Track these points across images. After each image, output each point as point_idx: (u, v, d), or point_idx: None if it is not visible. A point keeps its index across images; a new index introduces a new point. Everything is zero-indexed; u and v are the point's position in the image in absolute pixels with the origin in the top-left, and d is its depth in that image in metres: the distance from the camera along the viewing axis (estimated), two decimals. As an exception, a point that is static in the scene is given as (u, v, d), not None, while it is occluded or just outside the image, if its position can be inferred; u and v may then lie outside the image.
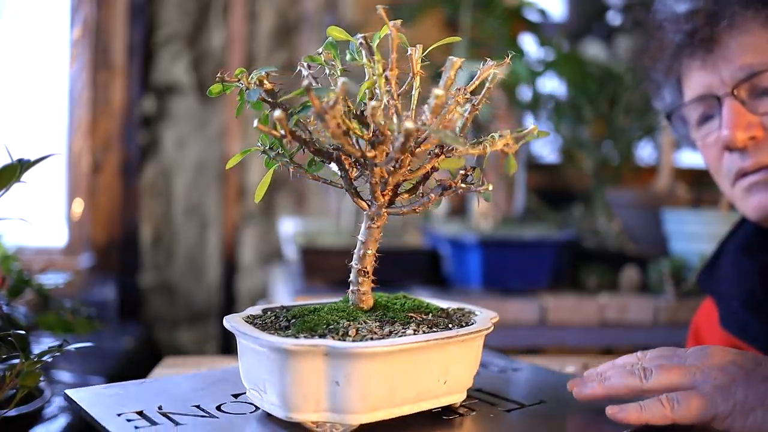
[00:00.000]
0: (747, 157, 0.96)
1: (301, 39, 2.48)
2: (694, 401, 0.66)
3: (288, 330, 0.66)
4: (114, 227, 2.45)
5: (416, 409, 0.66)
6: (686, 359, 0.71)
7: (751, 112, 0.96)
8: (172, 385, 0.77)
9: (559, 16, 2.57)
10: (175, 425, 0.65)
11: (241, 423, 0.66)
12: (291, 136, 0.64)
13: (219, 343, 2.49)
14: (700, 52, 1.00)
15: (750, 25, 0.97)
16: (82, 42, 2.40)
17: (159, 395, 0.73)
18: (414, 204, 0.69)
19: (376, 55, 0.67)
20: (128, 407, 0.69)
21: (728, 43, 0.98)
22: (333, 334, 0.64)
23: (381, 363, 0.62)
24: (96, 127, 2.42)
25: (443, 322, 0.69)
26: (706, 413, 0.66)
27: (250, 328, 0.65)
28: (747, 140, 0.95)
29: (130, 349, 2.01)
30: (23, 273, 1.04)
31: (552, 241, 1.76)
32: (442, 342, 0.64)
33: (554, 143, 2.31)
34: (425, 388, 0.65)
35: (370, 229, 0.69)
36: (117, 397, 0.73)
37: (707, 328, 1.14)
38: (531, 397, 0.76)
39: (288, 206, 2.49)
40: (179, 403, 0.71)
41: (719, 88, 0.98)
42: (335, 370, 0.61)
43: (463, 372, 0.68)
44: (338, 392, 0.61)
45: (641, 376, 0.69)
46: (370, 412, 0.63)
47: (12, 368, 0.72)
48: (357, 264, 0.70)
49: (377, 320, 0.68)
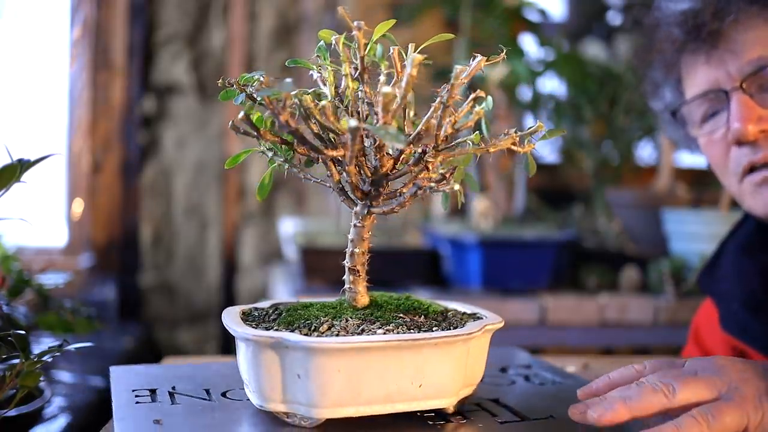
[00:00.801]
0: (758, 151, 0.95)
1: (301, 39, 2.48)
2: (728, 414, 0.64)
3: (273, 323, 0.69)
4: (114, 227, 2.45)
5: (389, 410, 0.65)
6: (694, 371, 0.68)
7: (761, 106, 0.95)
8: (207, 370, 0.83)
9: (559, 16, 2.57)
10: (171, 404, 0.71)
11: (230, 408, 0.70)
12: (264, 136, 0.67)
13: (219, 343, 2.49)
14: (704, 47, 0.99)
15: (756, 21, 0.96)
16: (82, 42, 2.40)
17: (185, 378, 0.79)
18: (391, 204, 0.69)
19: (342, 56, 0.68)
20: (147, 385, 0.76)
21: (734, 38, 0.97)
22: (305, 328, 0.66)
23: (338, 359, 0.62)
24: (96, 127, 2.42)
25: (430, 325, 0.68)
26: (740, 424, 0.64)
27: (231, 319, 0.68)
28: (758, 133, 0.94)
29: (130, 349, 2.01)
30: (23, 273, 1.04)
31: (552, 241, 1.76)
32: (409, 344, 0.63)
33: (554, 143, 2.31)
34: (396, 390, 0.64)
35: (357, 228, 0.70)
36: (146, 376, 0.79)
37: (707, 328, 1.14)
38: (542, 411, 0.71)
39: (288, 206, 2.49)
40: (193, 387, 0.76)
41: (726, 82, 0.97)
42: (295, 364, 0.63)
43: (444, 377, 0.65)
44: (300, 385, 0.63)
45: (665, 393, 0.65)
46: (334, 407, 0.63)
47: (12, 368, 0.72)
48: (348, 263, 0.71)
49: (361, 319, 0.68)
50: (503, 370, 0.87)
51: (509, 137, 0.69)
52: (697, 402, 0.65)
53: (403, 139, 0.57)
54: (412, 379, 0.64)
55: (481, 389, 0.77)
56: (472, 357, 0.69)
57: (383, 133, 0.57)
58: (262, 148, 0.71)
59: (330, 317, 0.68)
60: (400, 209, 0.69)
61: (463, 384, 0.68)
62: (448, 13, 2.25)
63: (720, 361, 0.69)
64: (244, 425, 0.66)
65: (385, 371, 0.63)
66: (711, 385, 0.66)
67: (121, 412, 0.68)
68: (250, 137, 0.69)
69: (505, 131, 0.69)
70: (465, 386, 0.69)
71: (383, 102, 0.60)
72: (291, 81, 0.61)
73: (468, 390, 0.70)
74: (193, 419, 0.67)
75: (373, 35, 0.69)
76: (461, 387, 0.68)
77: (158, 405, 0.70)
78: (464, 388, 0.69)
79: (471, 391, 0.71)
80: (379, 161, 0.67)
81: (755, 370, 0.68)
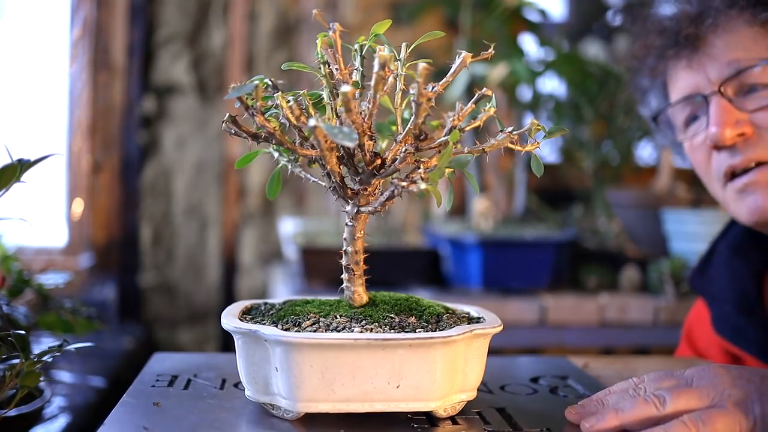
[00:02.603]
0: (737, 155, 0.95)
1: (301, 39, 2.48)
2: (719, 420, 0.64)
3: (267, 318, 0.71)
4: (114, 227, 2.45)
5: (368, 408, 0.65)
6: (690, 381, 0.68)
7: (739, 110, 0.94)
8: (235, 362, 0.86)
9: (559, 16, 2.57)
10: (182, 389, 0.75)
11: (231, 398, 0.73)
12: (253, 135, 0.68)
13: (219, 343, 2.49)
14: (685, 52, 0.99)
15: (734, 24, 0.96)
16: (82, 42, 2.40)
17: (212, 368, 0.82)
18: (374, 204, 0.69)
19: (320, 58, 0.69)
20: (173, 372, 0.80)
21: (714, 42, 0.97)
22: (290, 324, 0.67)
23: (309, 355, 0.63)
24: (96, 127, 2.42)
25: (417, 326, 0.68)
26: (732, 431, 0.64)
27: (227, 312, 0.71)
28: (736, 137, 0.94)
29: (130, 349, 2.01)
30: (23, 273, 1.04)
31: (552, 241, 1.76)
32: (380, 343, 0.63)
33: (554, 143, 2.31)
34: (372, 389, 0.64)
35: (349, 227, 0.71)
36: (178, 362, 0.84)
37: (699, 329, 1.13)
38: (540, 423, 0.69)
39: (288, 206, 2.49)
40: (213, 376, 0.80)
41: (706, 86, 0.97)
42: (274, 357, 0.64)
43: (424, 380, 0.64)
44: (279, 378, 0.65)
45: (656, 404, 0.66)
46: (309, 402, 0.64)
47: (12, 368, 0.72)
48: (343, 261, 0.72)
49: (349, 317, 0.68)
50: (534, 380, 0.85)
51: (506, 137, 0.69)
52: (688, 411, 0.65)
53: (353, 138, 0.57)
54: (388, 379, 0.64)
55: (494, 397, 0.76)
56: (463, 361, 0.67)
57: (335, 132, 0.58)
58: (269, 149, 0.72)
59: (320, 314, 0.69)
60: (382, 209, 0.69)
61: (453, 388, 0.67)
62: (448, 13, 2.25)
63: (715, 370, 0.69)
64: (233, 413, 0.69)
65: (358, 369, 0.63)
66: (703, 394, 0.66)
67: (131, 394, 0.72)
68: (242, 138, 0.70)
69: (501, 130, 0.69)
70: (457, 391, 0.68)
71: (343, 101, 0.61)
72: (256, 83, 0.63)
73: (464, 395, 0.69)
74: (190, 404, 0.70)
75: (370, 35, 0.69)
76: (450, 391, 0.67)
77: (169, 390, 0.74)
78: (456, 393, 0.68)
79: (469, 396, 0.70)
80: (363, 160, 0.67)
81: (751, 376, 0.68)
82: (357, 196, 0.69)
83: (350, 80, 0.68)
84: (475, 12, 2.06)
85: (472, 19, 2.04)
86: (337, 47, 0.67)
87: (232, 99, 0.65)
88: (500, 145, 0.69)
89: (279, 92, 0.66)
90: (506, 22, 2.08)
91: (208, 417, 0.67)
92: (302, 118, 0.66)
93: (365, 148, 0.66)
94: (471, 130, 0.70)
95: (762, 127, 0.94)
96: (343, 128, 0.58)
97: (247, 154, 0.73)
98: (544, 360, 0.97)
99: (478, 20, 2.06)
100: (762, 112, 0.94)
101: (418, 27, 2.18)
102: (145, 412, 0.67)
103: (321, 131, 0.60)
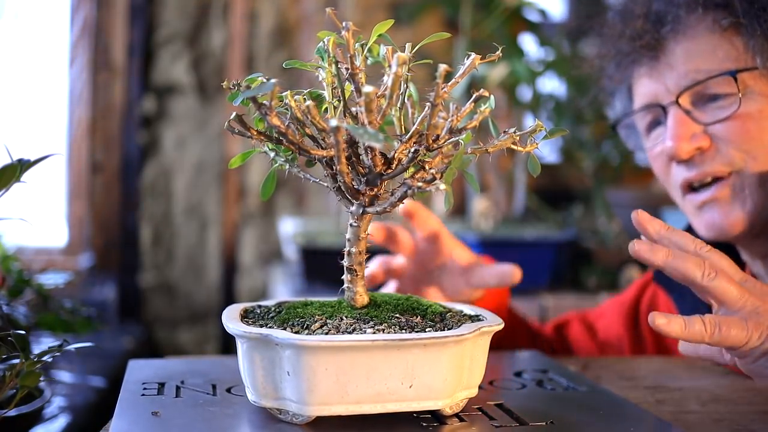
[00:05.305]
0: (693, 168, 0.92)
1: (301, 39, 2.48)
2: (734, 331, 0.68)
3: (270, 320, 0.70)
4: (114, 227, 2.45)
5: (380, 409, 0.64)
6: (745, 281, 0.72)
7: (697, 122, 0.92)
8: (219, 367, 0.85)
9: (559, 16, 2.57)
10: (174, 397, 0.72)
11: (229, 403, 0.71)
12: (258, 136, 0.68)
13: (219, 343, 2.49)
14: (645, 59, 0.96)
15: (695, 31, 0.93)
16: (82, 42, 2.40)
17: (196, 373, 0.80)
18: (384, 204, 0.69)
19: (331, 57, 0.68)
20: (158, 379, 0.78)
21: (673, 50, 0.94)
22: (298, 326, 0.66)
23: (325, 357, 0.62)
24: (96, 127, 2.42)
25: (425, 325, 0.68)
26: (742, 339, 0.69)
27: (228, 316, 0.70)
28: (693, 151, 0.91)
29: (130, 349, 2.01)
30: (23, 273, 1.04)
31: (552, 241, 1.76)
32: (397, 344, 0.63)
33: (554, 143, 2.31)
34: (386, 390, 0.64)
35: (353, 228, 0.70)
36: (160, 370, 0.82)
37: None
38: (543, 417, 0.69)
39: (288, 206, 2.49)
40: (201, 382, 0.78)
41: (665, 96, 0.94)
42: (284, 361, 0.63)
43: (436, 378, 0.65)
44: (290, 382, 0.63)
45: (704, 273, 0.70)
46: (322, 405, 0.63)
47: (12, 368, 0.72)
48: (346, 262, 0.71)
49: (355, 318, 0.68)
50: (518, 374, 0.86)
51: (508, 137, 0.69)
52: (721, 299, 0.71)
53: (380, 138, 0.57)
54: (402, 379, 0.64)
55: (488, 393, 0.77)
56: (469, 359, 0.68)
57: (361, 132, 0.57)
58: (264, 149, 0.72)
59: (325, 316, 0.68)
60: (392, 209, 0.69)
61: (459, 386, 0.68)
62: (448, 13, 2.25)
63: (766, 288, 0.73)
64: (237, 419, 0.67)
65: (373, 371, 0.63)
66: (744, 297, 0.70)
67: (124, 403, 0.70)
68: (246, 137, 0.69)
69: (503, 131, 0.69)
70: (462, 388, 0.68)
71: (365, 101, 0.60)
72: (274, 82, 0.62)
73: (467, 392, 0.69)
74: (191, 412, 0.68)
75: (371, 35, 0.69)
76: (457, 389, 0.68)
77: (161, 398, 0.72)
78: (462, 390, 0.68)
79: (471, 393, 0.70)
80: (372, 161, 0.67)
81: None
82: (362, 196, 0.69)
83: (361, 80, 0.67)
84: (475, 12, 2.06)
85: (472, 19, 2.04)
86: (350, 46, 0.67)
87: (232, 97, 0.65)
88: (503, 146, 0.68)
89: (288, 91, 0.66)
90: (506, 22, 2.08)
91: (215, 425, 0.65)
92: (318, 118, 0.66)
93: (375, 149, 0.66)
94: (472, 130, 0.70)
95: (720, 140, 0.91)
96: (368, 129, 0.58)
97: (242, 153, 0.73)
98: (516, 355, 0.96)
99: (478, 20, 2.06)
100: (719, 125, 0.91)
101: (418, 27, 2.18)
102: (149, 425, 0.65)
103: (342, 131, 0.60)
